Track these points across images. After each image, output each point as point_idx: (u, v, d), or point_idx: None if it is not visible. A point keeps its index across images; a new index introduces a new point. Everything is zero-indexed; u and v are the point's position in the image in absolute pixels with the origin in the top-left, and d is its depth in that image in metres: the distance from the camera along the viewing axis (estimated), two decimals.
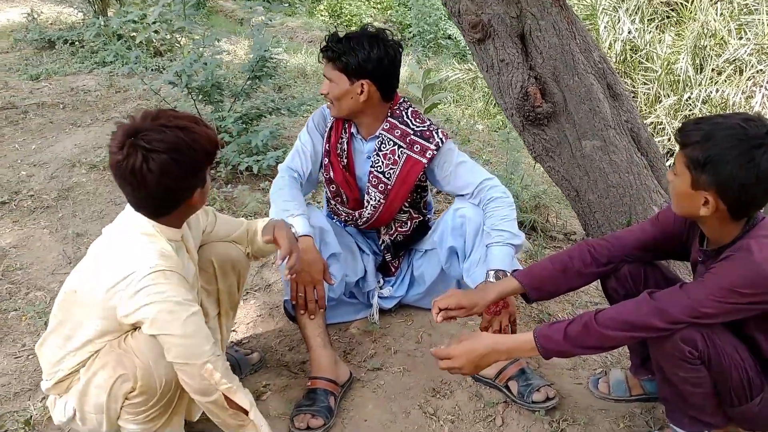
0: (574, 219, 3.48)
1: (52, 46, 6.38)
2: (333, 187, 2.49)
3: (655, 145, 3.32)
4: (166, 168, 1.63)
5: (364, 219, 2.47)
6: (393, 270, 2.65)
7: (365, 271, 2.61)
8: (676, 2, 6.92)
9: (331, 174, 2.45)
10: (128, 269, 1.67)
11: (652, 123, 6.61)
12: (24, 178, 3.81)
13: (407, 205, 2.51)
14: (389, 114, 2.39)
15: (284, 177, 2.38)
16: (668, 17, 7.03)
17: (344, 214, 2.53)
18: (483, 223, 2.29)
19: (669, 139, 6.33)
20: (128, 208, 1.80)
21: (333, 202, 2.55)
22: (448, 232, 2.39)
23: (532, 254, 3.12)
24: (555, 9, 2.96)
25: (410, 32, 12.34)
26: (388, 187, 2.40)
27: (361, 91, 2.28)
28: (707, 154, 1.63)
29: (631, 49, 6.94)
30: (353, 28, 10.87)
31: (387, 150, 2.38)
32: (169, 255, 1.76)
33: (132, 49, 5.83)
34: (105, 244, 1.81)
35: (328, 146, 2.45)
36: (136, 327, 1.75)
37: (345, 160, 2.44)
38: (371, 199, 2.43)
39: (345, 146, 2.43)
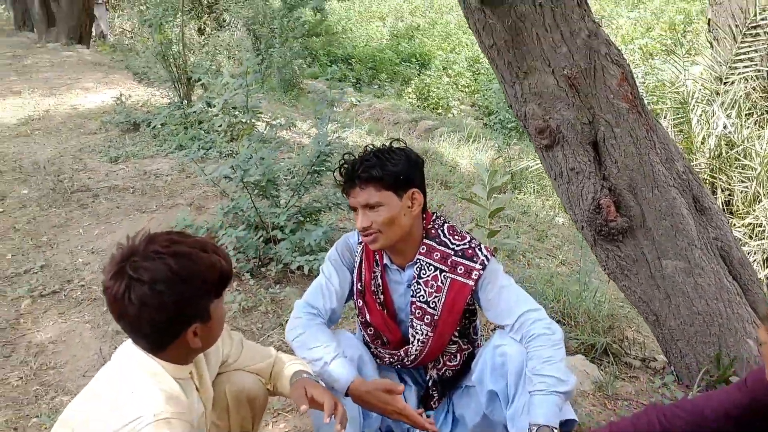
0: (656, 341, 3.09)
1: (137, 129, 6.55)
2: (371, 330, 2.21)
3: (749, 266, 2.93)
4: (147, 300, 1.44)
5: (412, 357, 2.17)
6: (435, 405, 2.34)
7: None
8: None
9: (368, 317, 2.18)
10: (130, 415, 1.47)
11: (750, 224, 6.08)
12: (79, 266, 3.78)
13: (456, 334, 2.20)
14: (424, 235, 2.12)
15: (301, 318, 2.10)
16: None
17: (388, 357, 2.23)
18: (526, 364, 1.98)
19: None
20: None
21: (373, 346, 2.25)
22: (487, 373, 2.06)
23: (602, 385, 2.75)
24: (632, 116, 2.69)
25: (493, 119, 12.25)
26: (435, 317, 2.11)
27: (411, 204, 2.03)
28: None
29: (726, 145, 6.48)
30: (439, 111, 10.86)
31: (428, 276, 2.11)
32: (176, 397, 1.56)
33: (209, 134, 5.92)
34: (107, 378, 1.63)
35: (361, 285, 2.18)
36: None
37: (381, 297, 2.17)
38: (417, 333, 2.14)
39: (379, 280, 2.16)
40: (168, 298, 1.46)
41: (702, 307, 2.71)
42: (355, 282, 2.20)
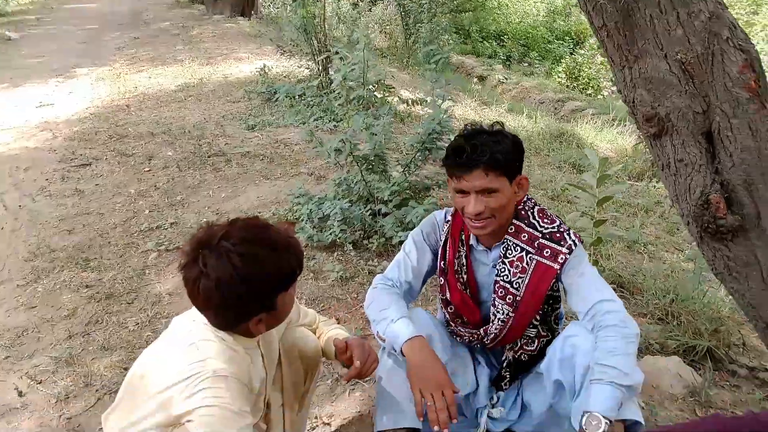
0: None
1: (276, 99, 6.87)
2: (451, 309, 2.22)
3: None
4: (212, 294, 1.57)
5: (492, 336, 2.17)
6: (506, 386, 2.31)
7: (477, 384, 2.32)
8: None
9: (448, 295, 2.20)
10: (192, 369, 1.61)
11: None
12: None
13: (538, 319, 2.18)
14: (514, 216, 2.11)
15: (377, 287, 2.19)
16: None
17: (468, 335, 2.24)
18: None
19: None
20: None
21: (452, 325, 2.26)
22: (555, 362, 2.02)
23: (694, 391, 2.60)
24: (753, 106, 2.47)
25: None
26: (518, 298, 2.10)
27: (518, 189, 2.04)
28: None
29: None
30: (589, 92, 10.45)
31: (513, 257, 2.10)
32: (238, 360, 1.68)
33: (343, 105, 6.09)
34: (179, 331, 1.78)
35: (444, 264, 2.19)
36: None
37: (465, 276, 2.17)
38: (498, 312, 2.13)
39: (464, 260, 2.17)
40: (230, 295, 1.57)
41: None
42: (438, 260, 2.22)
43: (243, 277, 1.55)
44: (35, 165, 5.67)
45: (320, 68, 6.98)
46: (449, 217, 2.21)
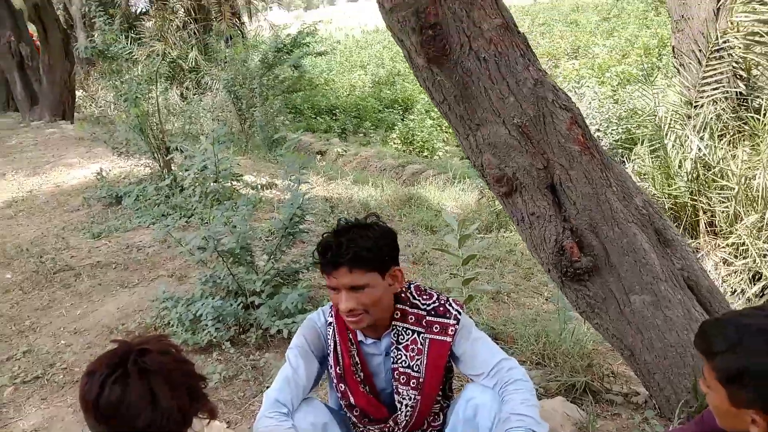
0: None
1: (119, 202, 6.59)
2: (357, 412, 2.18)
3: (718, 293, 2.96)
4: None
5: (403, 424, 2.16)
6: None
7: None
8: (747, 116, 6.54)
9: (352, 400, 2.15)
10: None
11: (733, 244, 6.11)
12: (62, 348, 3.79)
13: (440, 393, 2.21)
14: (396, 300, 2.13)
15: (272, 419, 2.01)
16: (740, 131, 6.64)
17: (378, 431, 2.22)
18: (499, 410, 1.99)
19: (754, 261, 5.81)
20: None
21: (360, 426, 2.22)
22: (459, 424, 2.09)
23: (582, 427, 2.75)
24: (585, 157, 2.74)
25: None
26: (420, 380, 2.12)
27: (393, 282, 2.04)
28: (740, 364, 1.33)
29: (703, 167, 6.55)
30: (425, 154, 10.79)
31: (407, 341, 2.12)
32: None
33: (190, 202, 5.96)
34: None
35: (340, 369, 2.14)
36: None
37: (361, 374, 2.15)
38: (404, 398, 2.13)
39: (356, 358, 2.15)
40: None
41: (674, 339, 2.73)
42: (333, 368, 2.17)
43: (108, 403, 1.41)
44: None
45: (162, 165, 6.82)
46: (330, 319, 2.18)
